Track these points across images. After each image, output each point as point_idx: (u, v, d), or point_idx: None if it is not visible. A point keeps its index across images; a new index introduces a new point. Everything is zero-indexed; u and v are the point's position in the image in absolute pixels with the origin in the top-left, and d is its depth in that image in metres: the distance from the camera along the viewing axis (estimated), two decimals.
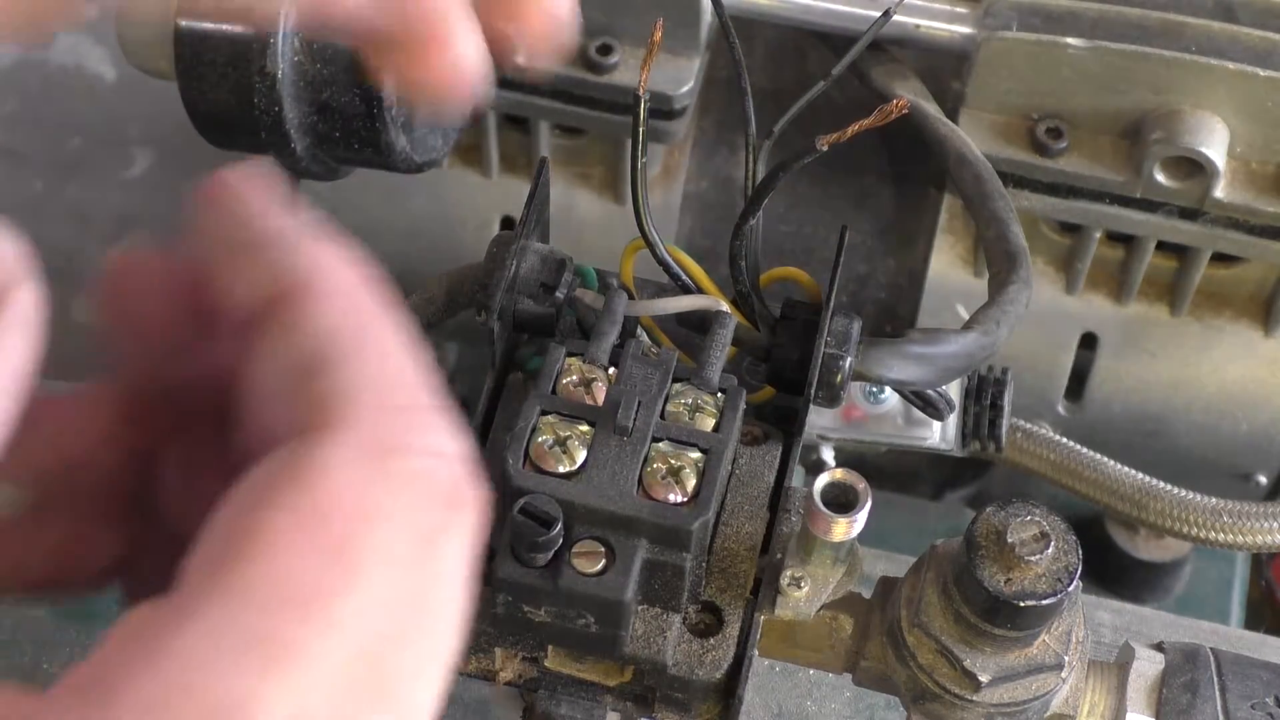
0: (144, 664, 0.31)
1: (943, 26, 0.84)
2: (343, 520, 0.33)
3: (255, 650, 0.32)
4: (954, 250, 0.90)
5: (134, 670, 0.31)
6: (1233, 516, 0.86)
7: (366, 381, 0.35)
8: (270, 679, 0.32)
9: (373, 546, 0.34)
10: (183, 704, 0.31)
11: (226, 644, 0.31)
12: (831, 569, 0.57)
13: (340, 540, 0.33)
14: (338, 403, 0.35)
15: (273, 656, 0.32)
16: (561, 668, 0.58)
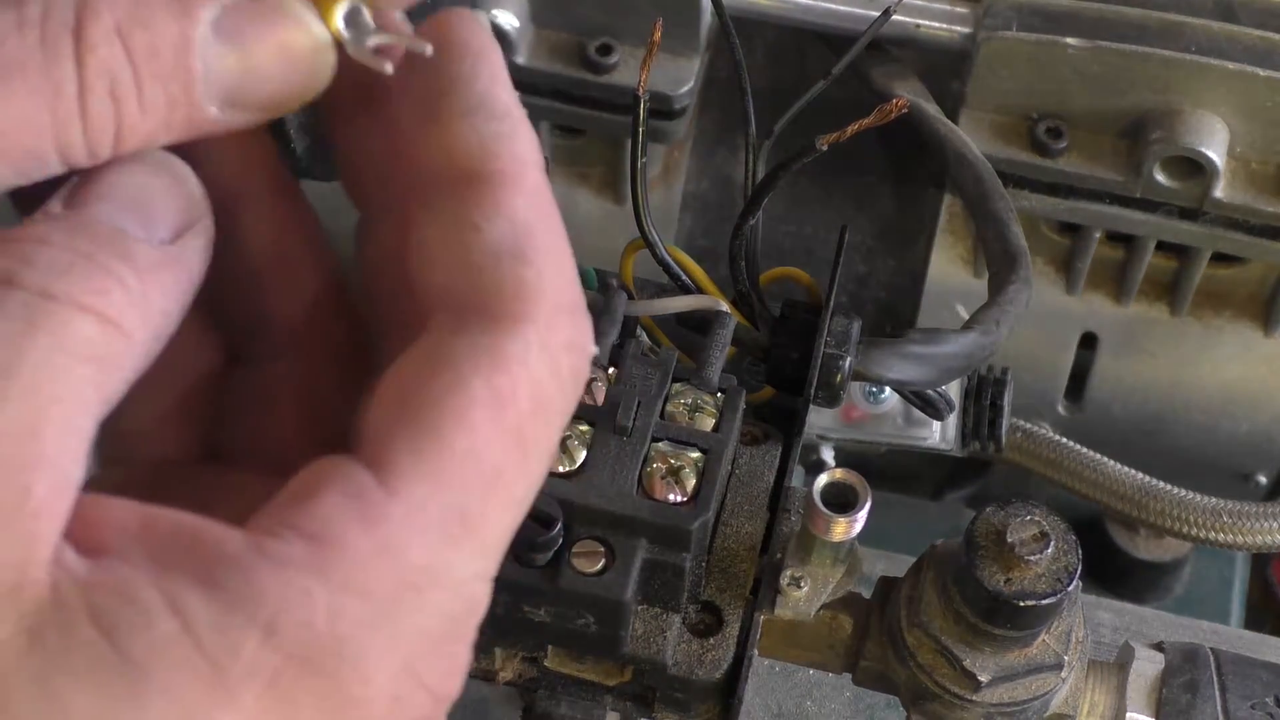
0: (362, 527, 0.36)
1: (943, 26, 0.84)
2: (525, 407, 0.38)
3: (453, 522, 0.37)
4: (954, 250, 0.90)
5: (354, 532, 0.36)
6: (1233, 516, 0.86)
7: (550, 280, 0.39)
8: (463, 547, 0.37)
9: (541, 434, 0.39)
10: (395, 564, 0.36)
11: (431, 516, 0.37)
12: (831, 569, 0.57)
13: (520, 425, 0.38)
14: (529, 296, 0.38)
15: (466, 528, 0.37)
16: (561, 668, 0.58)
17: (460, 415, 0.37)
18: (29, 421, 0.35)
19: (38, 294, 0.36)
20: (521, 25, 0.85)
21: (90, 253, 0.37)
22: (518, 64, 0.85)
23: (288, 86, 0.40)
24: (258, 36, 0.39)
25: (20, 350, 0.36)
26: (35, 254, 0.37)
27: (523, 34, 0.85)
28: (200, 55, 0.38)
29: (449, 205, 0.40)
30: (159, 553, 0.36)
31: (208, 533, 0.36)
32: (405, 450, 0.37)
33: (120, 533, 0.36)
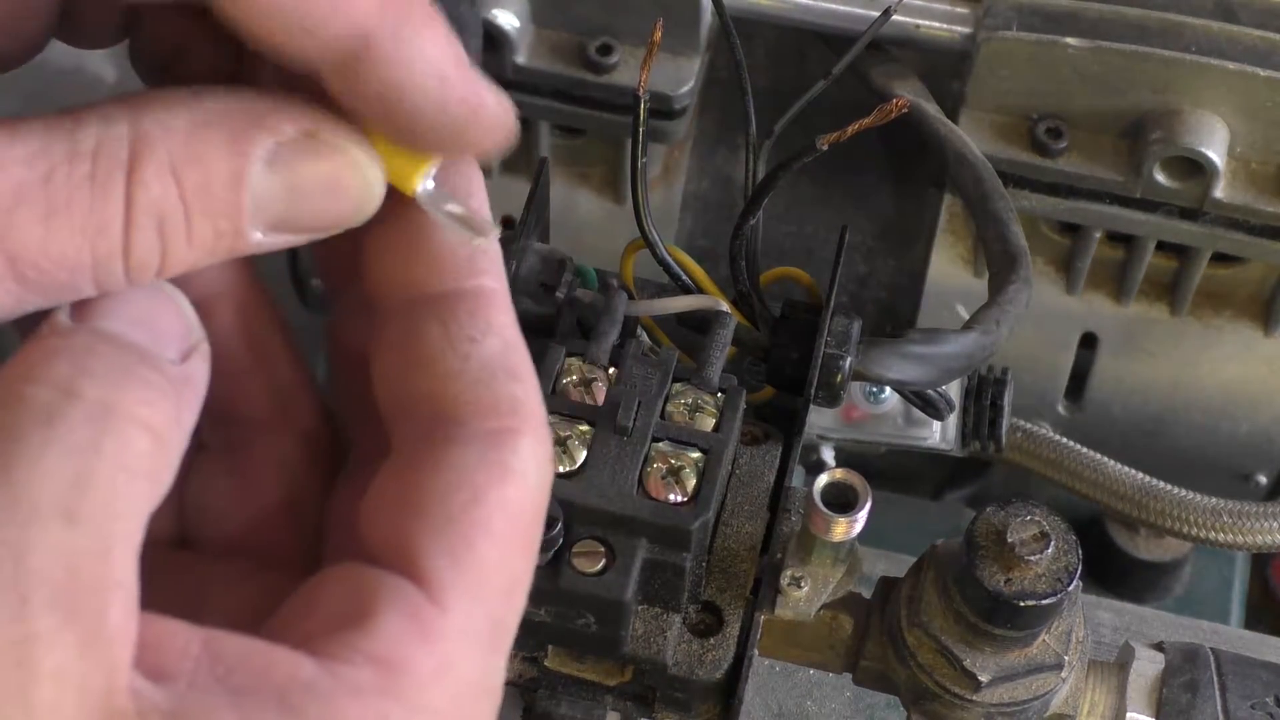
0: (424, 647, 0.38)
1: (943, 26, 0.84)
2: (530, 517, 0.40)
3: (492, 633, 0.40)
4: (954, 250, 0.90)
5: (418, 653, 0.38)
6: (1233, 516, 0.86)
7: (535, 396, 0.41)
8: (500, 653, 0.40)
9: (537, 537, 0.41)
10: (455, 680, 0.38)
11: (478, 630, 0.39)
12: (831, 569, 0.57)
13: (527, 533, 0.40)
14: (523, 413, 0.40)
15: (501, 636, 0.40)
16: (561, 668, 0.58)
17: (486, 527, 0.39)
18: (102, 542, 0.35)
19: (100, 406, 0.36)
20: (521, 25, 0.85)
21: (132, 366, 0.37)
22: (518, 64, 0.85)
23: (334, 216, 0.41)
24: (307, 171, 0.40)
25: (91, 467, 0.35)
26: (90, 364, 0.37)
27: (523, 34, 0.85)
28: (250, 189, 0.39)
29: (440, 314, 0.41)
30: (232, 680, 0.36)
31: (279, 659, 0.37)
32: (446, 565, 0.38)
33: (183, 656, 0.36)
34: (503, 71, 0.85)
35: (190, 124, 0.38)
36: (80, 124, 0.37)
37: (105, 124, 0.37)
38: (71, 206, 0.36)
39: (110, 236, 0.37)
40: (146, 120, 0.37)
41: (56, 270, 0.37)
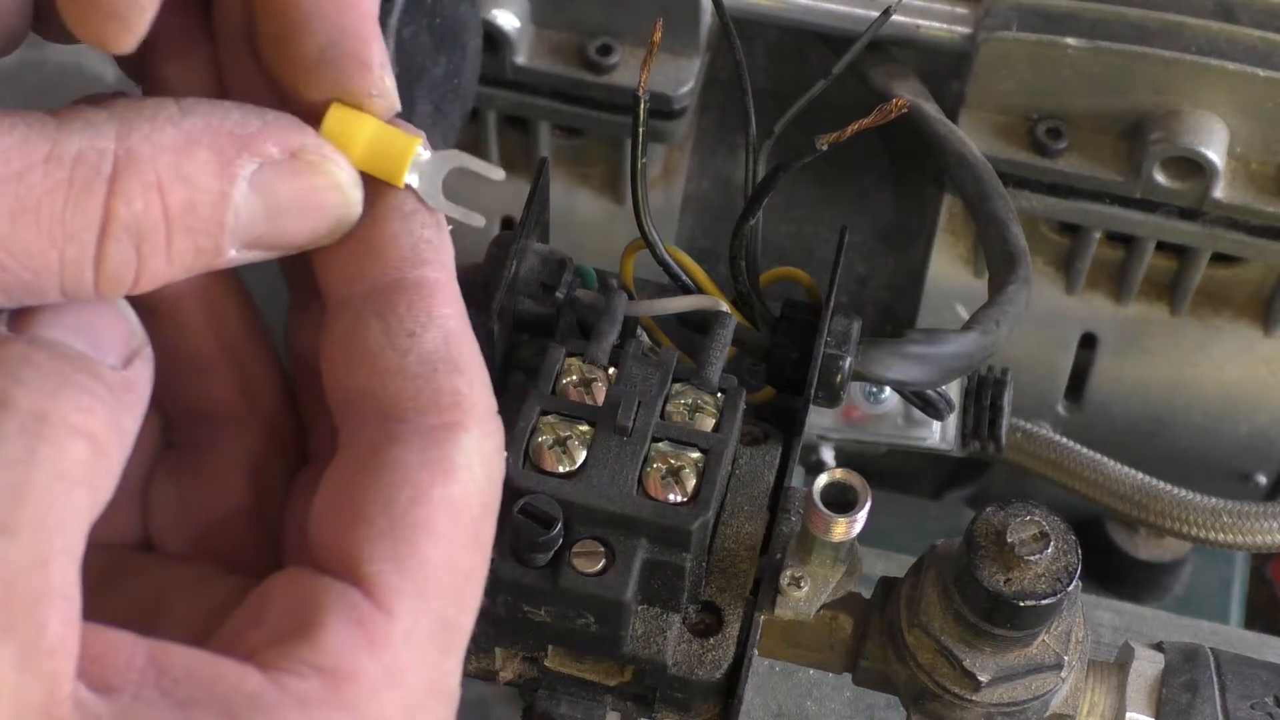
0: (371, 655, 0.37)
1: (943, 26, 0.84)
2: (477, 512, 0.40)
3: (441, 633, 0.39)
4: (954, 250, 0.90)
5: (364, 661, 0.37)
6: (1233, 516, 0.86)
7: (480, 388, 0.40)
8: (451, 654, 0.39)
9: (489, 532, 0.41)
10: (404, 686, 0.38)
11: (426, 632, 0.38)
12: (831, 569, 0.57)
13: (475, 529, 0.40)
14: (465, 406, 0.40)
15: (451, 635, 0.39)
16: (561, 668, 0.58)
17: (429, 527, 0.38)
18: (38, 553, 0.34)
19: (33, 416, 0.35)
20: (521, 25, 0.85)
21: (69, 373, 0.37)
22: (518, 64, 0.85)
23: (310, 234, 0.41)
24: (288, 192, 0.40)
25: (26, 477, 0.35)
26: (24, 373, 0.36)
27: (523, 34, 0.85)
28: (233, 209, 0.39)
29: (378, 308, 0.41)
30: (177, 692, 0.36)
31: (225, 671, 0.36)
32: (390, 570, 0.38)
33: (129, 668, 0.36)
34: (503, 71, 0.85)
35: (178, 141, 0.38)
36: (64, 128, 0.37)
37: (90, 132, 0.37)
38: (41, 208, 0.36)
39: (82, 245, 0.37)
40: (134, 134, 0.37)
41: (19, 268, 0.36)
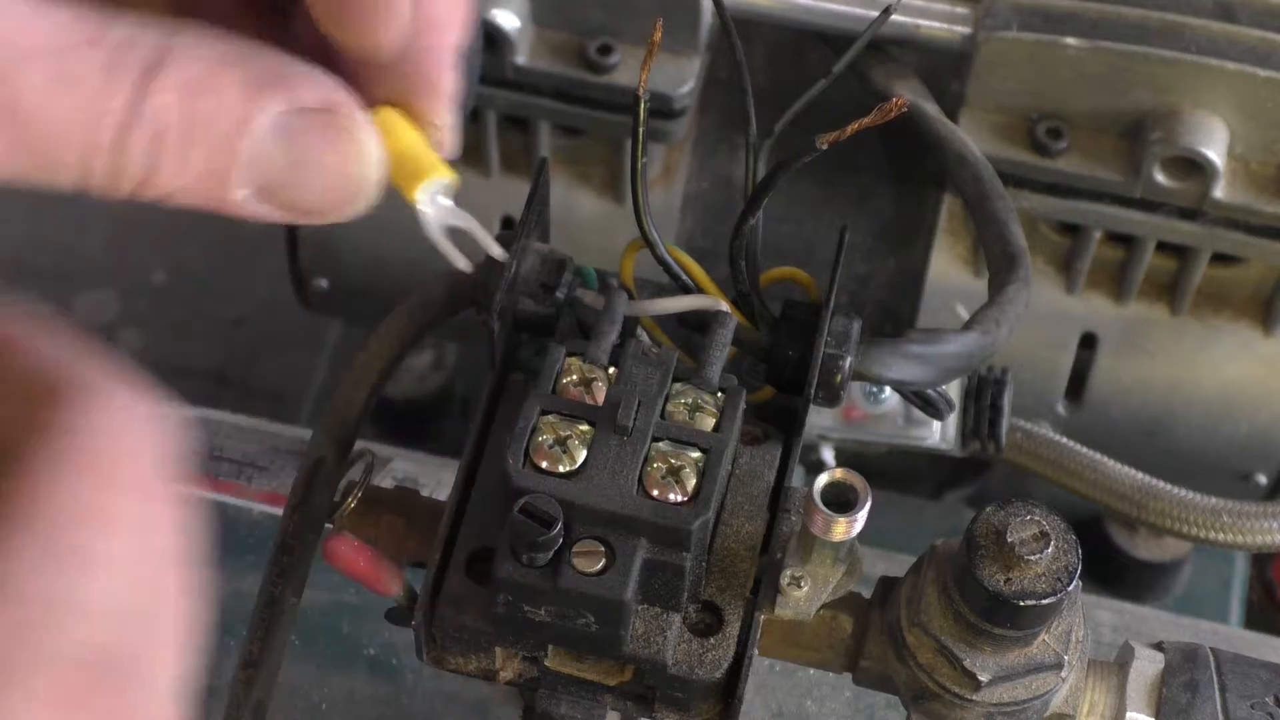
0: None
1: (943, 26, 0.84)
2: None
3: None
4: (954, 250, 0.90)
5: None
6: (1233, 516, 0.86)
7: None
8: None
9: None
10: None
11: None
12: (831, 569, 0.57)
13: None
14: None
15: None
16: (561, 667, 0.58)
17: None
18: None
19: None
20: (521, 25, 0.85)
21: None
22: (518, 64, 0.85)
23: (322, 203, 0.40)
24: (312, 146, 0.39)
25: None
26: None
27: (523, 34, 0.85)
28: (251, 139, 0.38)
29: None
30: None
31: None
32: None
33: None
34: (503, 71, 0.85)
35: (216, 55, 0.37)
36: (112, 17, 0.37)
37: (136, 25, 0.37)
38: (77, 82, 0.36)
39: (104, 129, 0.36)
40: (178, 37, 0.37)
41: (49, 135, 0.36)
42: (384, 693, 0.76)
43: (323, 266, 1.01)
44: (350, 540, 0.58)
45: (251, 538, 0.81)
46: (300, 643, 0.77)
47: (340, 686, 0.76)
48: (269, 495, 0.83)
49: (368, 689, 0.76)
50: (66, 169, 0.37)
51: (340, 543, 0.58)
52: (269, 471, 0.84)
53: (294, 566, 0.61)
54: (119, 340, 1.61)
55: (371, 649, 0.77)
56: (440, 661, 0.58)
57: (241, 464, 0.84)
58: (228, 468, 0.84)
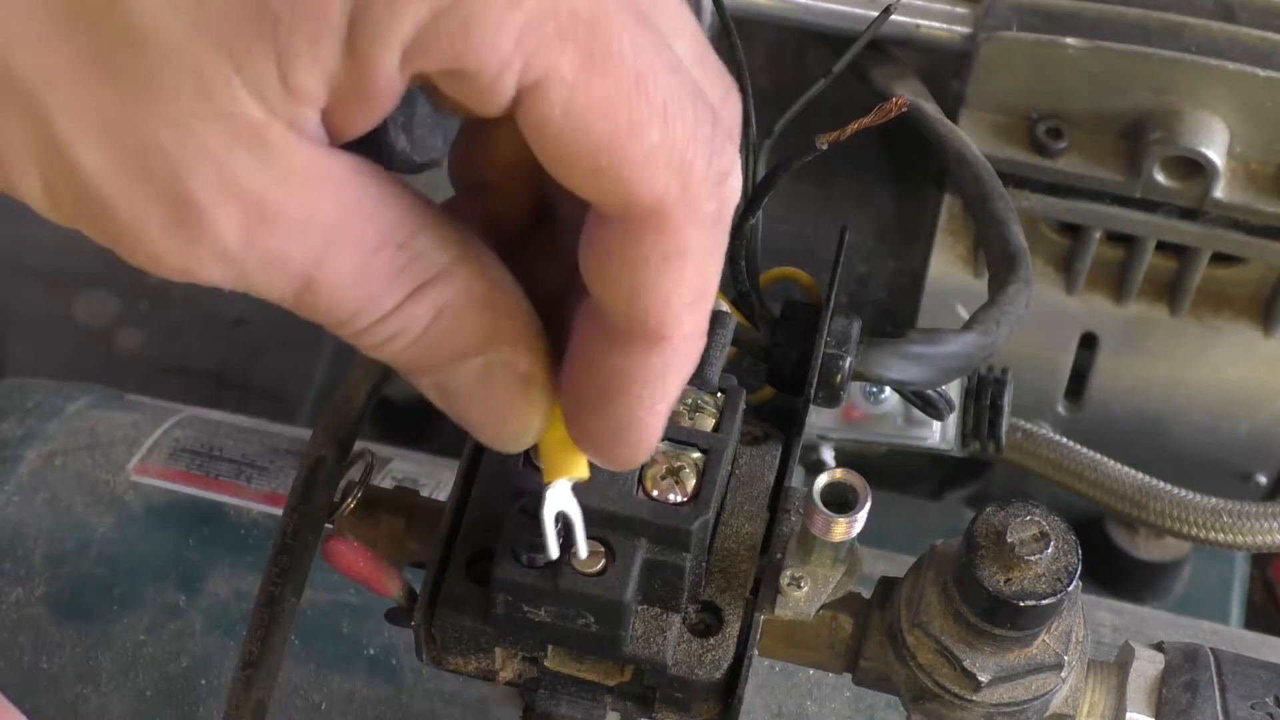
0: None
1: (943, 26, 0.84)
2: None
3: None
4: (954, 250, 0.90)
5: None
6: (1233, 516, 0.86)
7: None
8: None
9: None
10: None
11: None
12: (831, 569, 0.57)
13: None
14: None
15: None
16: (561, 667, 0.58)
17: None
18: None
19: None
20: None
21: None
22: None
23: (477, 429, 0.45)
24: (496, 398, 0.44)
25: None
26: None
27: None
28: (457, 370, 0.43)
29: None
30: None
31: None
32: None
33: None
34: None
35: (477, 293, 0.42)
36: (421, 226, 0.41)
37: (436, 243, 0.41)
38: (371, 280, 0.40)
39: (367, 316, 0.41)
40: (458, 266, 0.41)
41: (321, 299, 0.40)
42: (384, 693, 0.76)
43: None
44: (350, 540, 0.58)
45: (251, 538, 0.81)
46: (300, 643, 0.77)
47: (340, 686, 0.76)
48: (269, 495, 0.83)
49: (368, 689, 0.76)
50: (315, 314, 0.41)
51: (340, 543, 0.58)
52: (269, 471, 0.84)
53: (294, 566, 0.61)
54: (119, 340, 1.61)
55: (371, 649, 0.77)
56: (440, 661, 0.58)
57: (241, 464, 0.84)
58: (228, 468, 0.84)
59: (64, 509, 0.82)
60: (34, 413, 0.87)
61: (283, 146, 0.37)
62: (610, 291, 0.41)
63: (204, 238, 0.38)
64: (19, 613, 0.79)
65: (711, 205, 0.40)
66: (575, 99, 0.37)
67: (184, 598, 0.78)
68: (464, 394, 0.44)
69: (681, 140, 0.39)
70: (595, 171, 0.38)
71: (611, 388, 0.43)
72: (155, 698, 0.77)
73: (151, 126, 0.36)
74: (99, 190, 0.38)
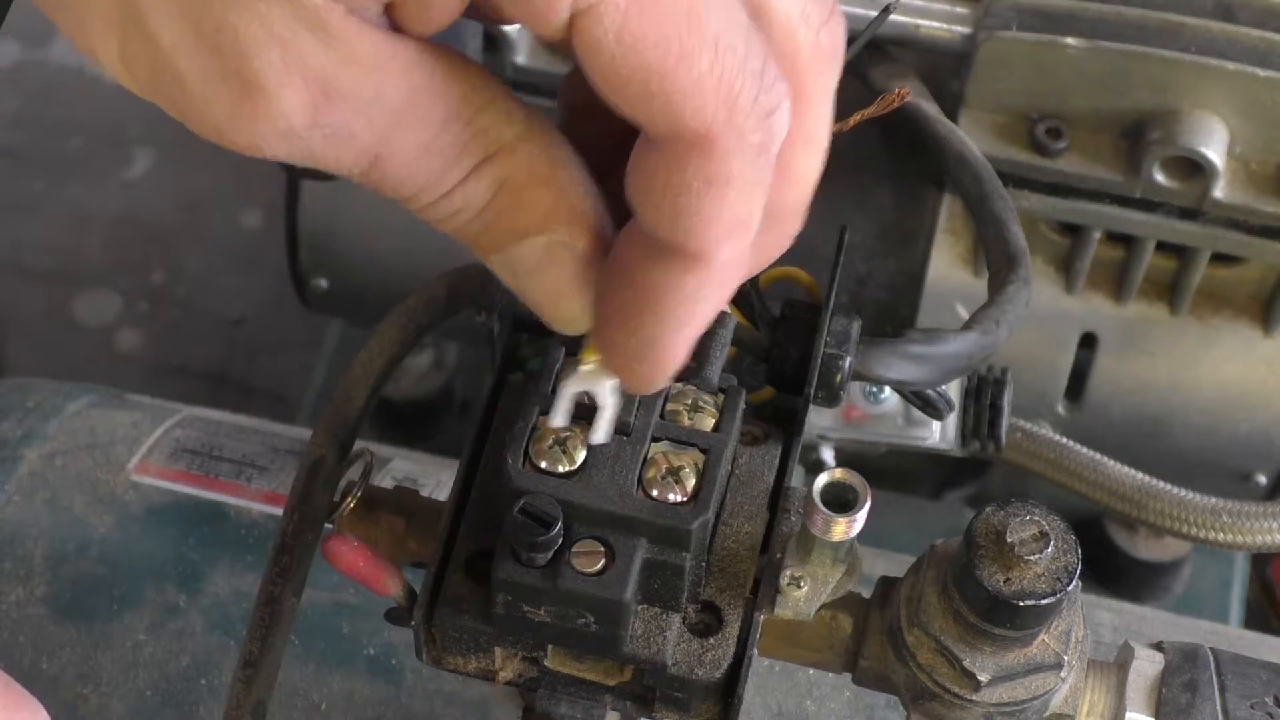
0: None
1: (943, 26, 0.84)
2: None
3: None
4: (954, 250, 0.90)
5: None
6: (1233, 516, 0.86)
7: None
8: None
9: None
10: None
11: None
12: (831, 569, 0.57)
13: None
14: None
15: None
16: (561, 667, 0.58)
17: None
18: None
19: None
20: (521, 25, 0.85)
21: None
22: (518, 64, 0.85)
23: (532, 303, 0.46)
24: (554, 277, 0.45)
25: None
26: None
27: (522, 34, 0.85)
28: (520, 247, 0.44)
29: None
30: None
31: None
32: None
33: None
34: (502, 71, 0.85)
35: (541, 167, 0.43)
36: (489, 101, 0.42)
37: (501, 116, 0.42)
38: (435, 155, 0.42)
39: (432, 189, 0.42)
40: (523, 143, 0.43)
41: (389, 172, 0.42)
42: (384, 693, 0.76)
43: (323, 266, 1.01)
44: (350, 540, 0.58)
45: (251, 538, 0.81)
46: (300, 643, 0.77)
47: (340, 686, 0.76)
48: (269, 495, 0.83)
49: (368, 689, 0.76)
50: (382, 189, 0.42)
51: (340, 543, 0.58)
52: (269, 471, 0.84)
53: (294, 566, 0.61)
54: (119, 340, 1.61)
55: (371, 649, 0.77)
56: (440, 661, 0.58)
57: (241, 464, 0.84)
58: (228, 468, 0.84)
59: (64, 509, 0.82)
60: (34, 413, 0.87)
61: (344, 29, 0.39)
62: (653, 212, 0.42)
63: (270, 115, 0.39)
64: (19, 613, 0.79)
65: (756, 137, 0.41)
66: (628, 25, 0.38)
67: (184, 598, 0.78)
68: (526, 272, 0.45)
69: (730, 71, 0.40)
70: (645, 96, 0.40)
71: (643, 303, 0.44)
72: (155, 698, 0.77)
73: (223, 6, 0.38)
74: (173, 64, 0.39)
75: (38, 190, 1.66)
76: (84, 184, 1.68)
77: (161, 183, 1.69)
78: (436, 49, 0.41)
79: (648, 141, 0.42)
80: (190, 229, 1.66)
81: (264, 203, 1.65)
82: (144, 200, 1.68)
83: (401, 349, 0.66)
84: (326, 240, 0.99)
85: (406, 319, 0.66)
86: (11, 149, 1.70)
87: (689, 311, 0.44)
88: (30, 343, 1.58)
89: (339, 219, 0.99)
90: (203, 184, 1.67)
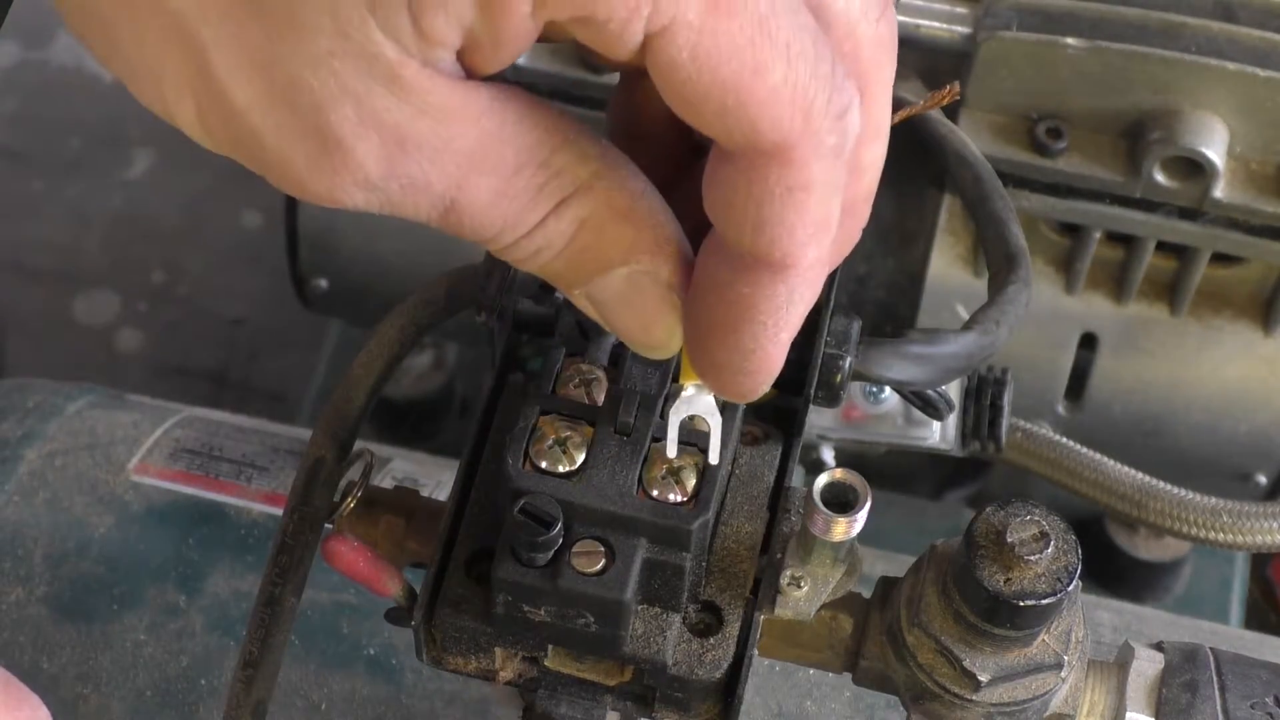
0: None
1: (943, 26, 0.84)
2: None
3: None
4: (954, 250, 0.90)
5: None
6: (1233, 516, 0.86)
7: None
8: None
9: None
10: None
11: None
12: (831, 569, 0.57)
13: None
14: None
15: None
16: (561, 667, 0.58)
17: None
18: None
19: None
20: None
21: None
22: (518, 64, 0.85)
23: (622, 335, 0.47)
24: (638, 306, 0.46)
25: None
26: None
27: None
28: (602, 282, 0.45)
29: None
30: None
31: None
32: None
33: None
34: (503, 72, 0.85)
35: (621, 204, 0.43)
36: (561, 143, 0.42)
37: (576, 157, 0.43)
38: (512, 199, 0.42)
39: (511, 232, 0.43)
40: (600, 180, 0.43)
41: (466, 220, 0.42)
42: (384, 693, 0.76)
43: (323, 266, 1.01)
44: (350, 541, 0.58)
45: (251, 538, 0.81)
46: (300, 643, 0.77)
47: (340, 686, 0.76)
48: (269, 495, 0.83)
49: (368, 689, 0.76)
50: (461, 232, 0.43)
51: (340, 543, 0.58)
52: (269, 471, 0.84)
53: (294, 566, 0.61)
54: (119, 340, 1.61)
55: (371, 649, 0.77)
56: (440, 661, 0.58)
57: (241, 464, 0.84)
58: (228, 468, 0.84)
59: (64, 509, 0.82)
60: (34, 413, 0.87)
61: (418, 83, 0.39)
62: (736, 225, 0.42)
63: (347, 168, 0.40)
64: (19, 613, 0.79)
65: (832, 139, 0.41)
66: (702, 42, 0.39)
67: (184, 598, 0.78)
68: (611, 304, 0.45)
69: (804, 78, 0.40)
70: (721, 111, 0.40)
71: (737, 316, 0.44)
72: (155, 698, 0.77)
73: (296, 63, 0.38)
74: (249, 121, 0.39)
75: (38, 190, 1.66)
76: (84, 184, 1.68)
77: (161, 183, 1.69)
78: (509, 92, 0.42)
79: (723, 154, 0.42)
80: (190, 229, 1.66)
81: (264, 203, 1.65)
82: (144, 200, 1.68)
83: (401, 349, 0.66)
84: (326, 240, 0.99)
85: (406, 319, 0.66)
86: (11, 149, 1.70)
87: (784, 318, 0.45)
88: (30, 343, 1.59)
89: (339, 219, 0.99)
90: (203, 184, 1.67)
